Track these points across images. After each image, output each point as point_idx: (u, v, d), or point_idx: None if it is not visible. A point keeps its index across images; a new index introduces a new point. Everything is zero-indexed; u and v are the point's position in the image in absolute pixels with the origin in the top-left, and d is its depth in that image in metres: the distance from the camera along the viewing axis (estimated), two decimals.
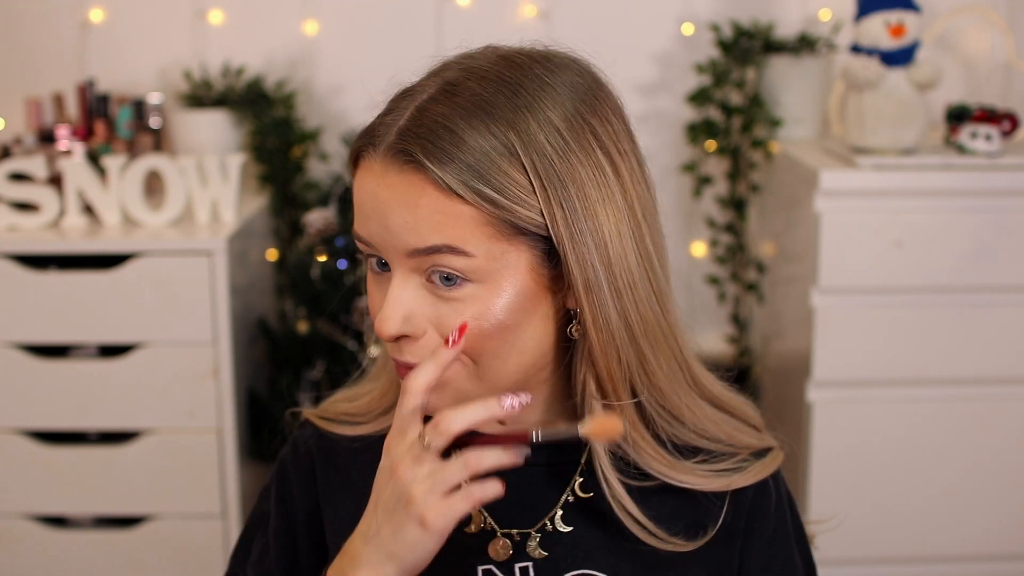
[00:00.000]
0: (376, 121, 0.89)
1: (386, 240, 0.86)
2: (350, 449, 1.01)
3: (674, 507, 0.94)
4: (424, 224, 0.84)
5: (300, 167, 2.24)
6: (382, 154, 0.86)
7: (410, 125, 0.86)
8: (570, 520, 0.95)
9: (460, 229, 0.84)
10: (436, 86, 0.88)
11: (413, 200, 0.84)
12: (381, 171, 0.86)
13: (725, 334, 2.31)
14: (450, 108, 0.86)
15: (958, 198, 1.83)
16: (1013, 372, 1.89)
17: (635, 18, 2.28)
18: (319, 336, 2.07)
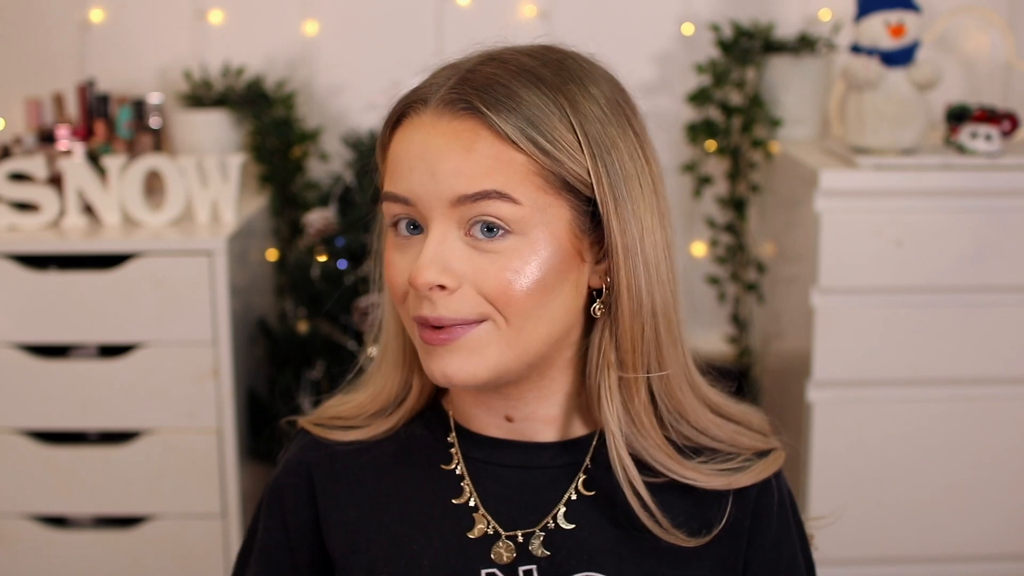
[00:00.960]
0: (422, 84, 0.90)
1: (430, 189, 0.86)
2: (346, 453, 1.00)
3: (678, 505, 0.94)
4: (476, 168, 0.85)
5: (300, 167, 2.24)
6: (434, 105, 0.87)
7: (464, 79, 0.87)
8: (573, 518, 0.95)
9: (511, 176, 0.86)
10: (480, 59, 0.90)
11: (467, 144, 0.85)
12: (432, 121, 0.87)
13: (725, 334, 2.31)
14: (501, 70, 0.88)
15: (958, 198, 1.83)
16: (1013, 372, 1.89)
17: (635, 18, 2.28)
18: (319, 336, 2.07)
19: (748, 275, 2.26)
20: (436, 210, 0.86)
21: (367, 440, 1.00)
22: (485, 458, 0.97)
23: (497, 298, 0.86)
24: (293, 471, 1.02)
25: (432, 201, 0.86)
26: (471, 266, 0.86)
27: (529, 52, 0.91)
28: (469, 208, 0.86)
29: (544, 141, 0.86)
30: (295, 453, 1.03)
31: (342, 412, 1.02)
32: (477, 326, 0.87)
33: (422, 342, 0.89)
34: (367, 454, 0.99)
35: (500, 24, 2.27)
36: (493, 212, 0.85)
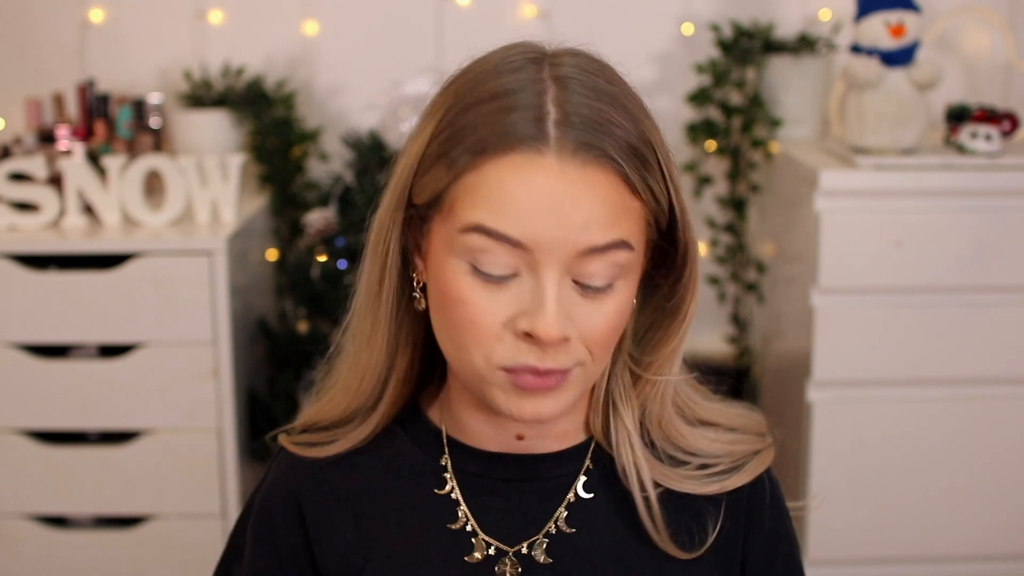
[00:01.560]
0: (519, 112, 0.81)
1: (556, 238, 0.80)
2: (333, 471, 0.97)
3: (676, 514, 0.94)
4: (608, 218, 0.82)
5: (300, 167, 2.24)
6: (566, 151, 0.80)
7: (586, 120, 0.82)
8: (574, 522, 0.93)
9: (632, 224, 0.84)
10: (552, 84, 0.84)
11: (602, 195, 0.81)
12: (559, 165, 0.80)
13: (725, 334, 2.31)
14: (607, 105, 0.84)
15: (958, 198, 1.83)
16: (1013, 372, 1.89)
17: (635, 18, 2.28)
18: (319, 336, 2.07)
19: (748, 275, 2.26)
20: (555, 257, 0.81)
21: (349, 451, 0.97)
22: (482, 472, 0.94)
23: (599, 344, 0.85)
24: (279, 493, 1.00)
25: (555, 250, 0.81)
26: (580, 314, 0.84)
27: (596, 71, 0.87)
28: (592, 258, 0.82)
29: (652, 183, 0.85)
30: (280, 474, 1.01)
31: (318, 418, 0.99)
32: (573, 369, 0.85)
33: (513, 386, 0.84)
34: (355, 472, 0.96)
35: (500, 24, 2.27)
36: (615, 261, 0.83)
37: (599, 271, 0.83)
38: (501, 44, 0.92)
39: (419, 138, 0.87)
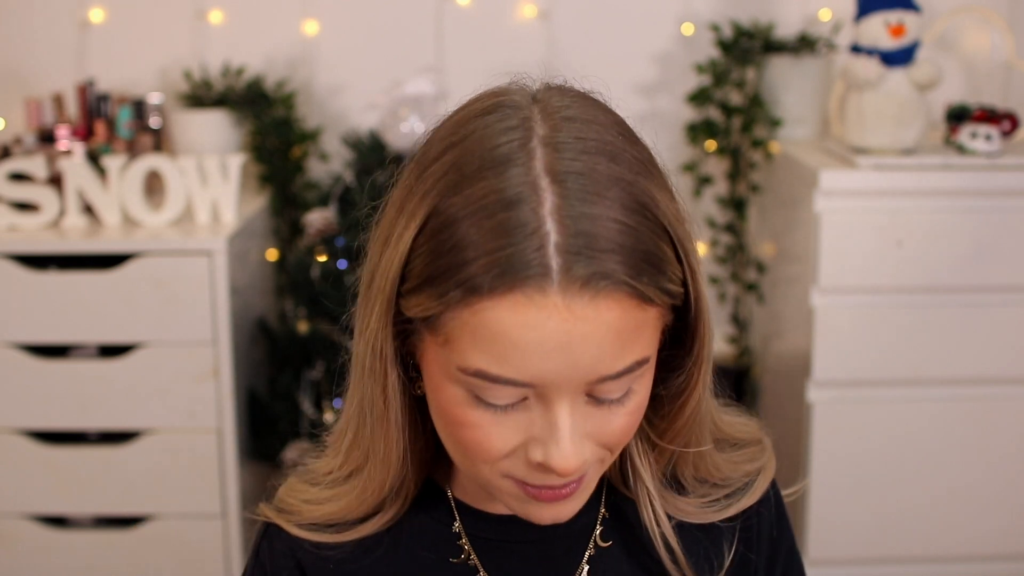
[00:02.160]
0: (513, 244, 0.71)
1: (565, 376, 0.73)
2: (338, 547, 0.91)
3: (692, 545, 0.91)
4: (622, 347, 0.74)
5: (300, 167, 2.24)
6: (571, 287, 0.71)
7: (589, 239, 0.71)
8: (597, 573, 0.90)
9: (648, 336, 0.76)
10: (549, 183, 0.73)
11: (615, 327, 0.72)
12: (564, 306, 0.71)
13: (725, 334, 2.31)
14: (598, 202, 0.73)
15: (958, 198, 1.83)
16: (1013, 372, 1.89)
17: (635, 18, 2.28)
18: (319, 336, 2.07)
19: (748, 275, 2.26)
20: (565, 389, 0.74)
21: (359, 539, 0.90)
22: (499, 537, 0.90)
23: (618, 443, 0.79)
24: (279, 563, 0.92)
25: (564, 385, 0.74)
26: (596, 424, 0.77)
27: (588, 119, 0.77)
28: (604, 384, 0.75)
29: (667, 283, 0.75)
30: (275, 545, 0.92)
31: (319, 517, 0.90)
32: (590, 471, 0.80)
33: (526, 497, 0.79)
34: (363, 552, 0.90)
35: (500, 24, 2.27)
36: (631, 380, 0.76)
37: (614, 388, 0.76)
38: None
39: (401, 236, 0.77)
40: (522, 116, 0.77)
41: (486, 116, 0.78)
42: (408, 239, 0.76)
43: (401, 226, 0.77)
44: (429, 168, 0.77)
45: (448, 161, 0.76)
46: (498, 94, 0.80)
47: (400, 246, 0.76)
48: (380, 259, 0.79)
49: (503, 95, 0.79)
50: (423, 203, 0.76)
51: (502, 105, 0.78)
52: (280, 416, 2.04)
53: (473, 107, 0.80)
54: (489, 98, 0.80)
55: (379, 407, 0.83)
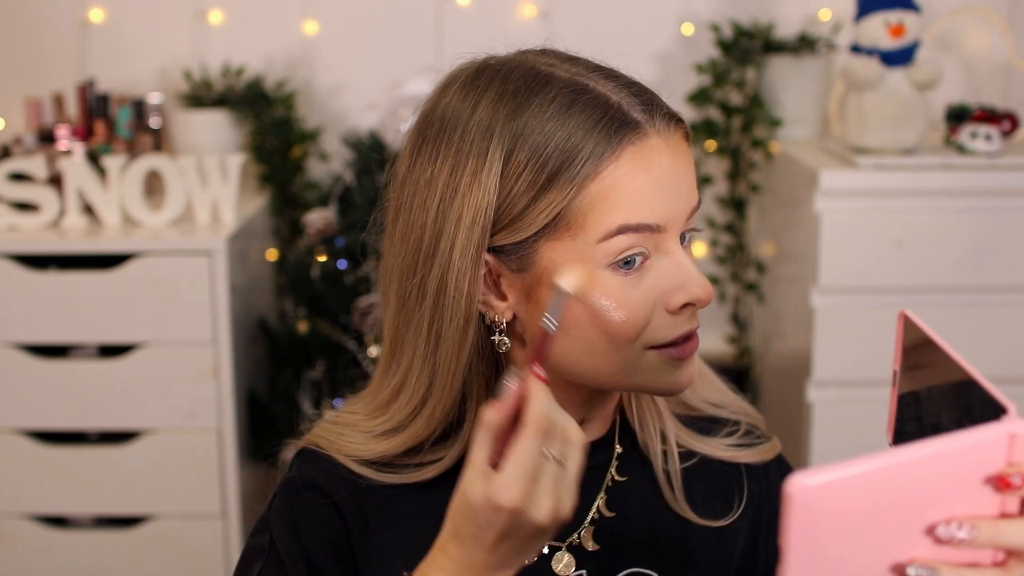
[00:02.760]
0: (606, 114, 0.84)
1: (678, 210, 0.86)
2: (379, 488, 0.93)
3: (699, 489, 0.98)
4: (694, 178, 0.88)
5: (300, 167, 2.24)
6: (661, 127, 0.85)
7: (651, 95, 0.87)
8: (613, 505, 0.96)
9: None
10: (584, 75, 0.87)
11: (688, 157, 0.88)
12: (664, 143, 0.85)
13: (725, 334, 2.31)
14: (627, 78, 0.89)
15: (958, 198, 1.83)
16: (1013, 372, 1.89)
17: (635, 18, 2.28)
18: (319, 336, 2.07)
19: (748, 275, 2.26)
20: (676, 228, 0.86)
21: (412, 483, 0.93)
22: None
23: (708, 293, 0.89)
24: (307, 488, 0.94)
25: (677, 221, 0.86)
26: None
27: (585, 58, 0.91)
28: (690, 219, 0.87)
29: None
30: (307, 478, 0.95)
31: (370, 455, 0.93)
32: None
33: (665, 362, 0.87)
34: (412, 491, 0.93)
35: (500, 24, 2.27)
36: (696, 216, 0.89)
37: (694, 220, 0.89)
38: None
39: (478, 180, 0.85)
40: (511, 63, 0.89)
41: (483, 70, 0.89)
42: (493, 176, 0.84)
43: (470, 174, 0.85)
44: (470, 121, 0.86)
45: (490, 104, 0.86)
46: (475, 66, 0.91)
47: (484, 187, 0.84)
48: (449, 211, 0.86)
49: (479, 64, 0.91)
50: (491, 143, 0.85)
51: (486, 65, 0.90)
52: (280, 416, 2.04)
53: (459, 78, 0.91)
54: (470, 69, 0.91)
55: (454, 344, 0.88)
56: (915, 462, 0.60)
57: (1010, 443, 0.61)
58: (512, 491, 0.73)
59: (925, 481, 0.61)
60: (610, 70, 0.89)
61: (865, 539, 0.62)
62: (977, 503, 0.63)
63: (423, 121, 0.91)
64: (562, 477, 0.75)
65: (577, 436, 0.76)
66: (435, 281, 0.87)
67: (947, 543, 0.63)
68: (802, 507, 0.59)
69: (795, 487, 0.58)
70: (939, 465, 0.61)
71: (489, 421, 0.75)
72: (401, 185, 0.91)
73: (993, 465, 0.62)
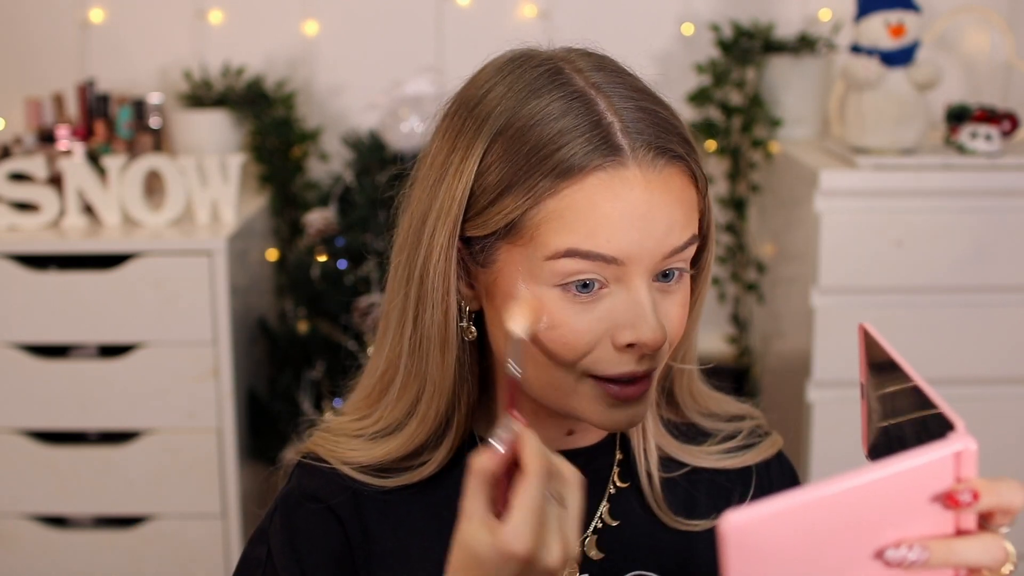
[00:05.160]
0: (585, 133, 0.81)
1: (645, 248, 0.81)
2: (378, 495, 0.93)
3: (703, 492, 0.98)
4: (684, 218, 0.83)
5: (300, 167, 2.24)
6: (644, 159, 0.81)
7: (653, 123, 0.83)
8: (616, 513, 0.95)
9: (695, 215, 0.85)
10: (595, 91, 0.84)
11: (678, 196, 0.83)
12: (642, 177, 0.81)
13: (725, 334, 2.31)
14: (657, 105, 0.86)
15: (958, 198, 1.83)
16: (1013, 372, 1.89)
17: (635, 18, 2.28)
18: (319, 336, 2.07)
19: (748, 275, 2.26)
20: (643, 266, 0.82)
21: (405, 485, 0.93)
22: None
23: (676, 334, 0.86)
24: (307, 501, 0.94)
25: (644, 259, 0.82)
26: (661, 311, 0.84)
27: (616, 69, 0.89)
28: (670, 259, 0.83)
29: (700, 170, 0.87)
30: (307, 489, 0.94)
31: (367, 460, 0.93)
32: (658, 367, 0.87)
33: (605, 397, 0.85)
34: (409, 495, 0.93)
35: (500, 24, 2.27)
36: (687, 256, 0.85)
37: (677, 261, 0.84)
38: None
39: (463, 165, 0.84)
40: (544, 57, 0.87)
41: (515, 59, 0.88)
42: (473, 164, 0.84)
43: (458, 158, 0.85)
44: (478, 106, 0.86)
45: (499, 94, 0.85)
46: (513, 53, 0.90)
47: (463, 174, 0.84)
48: (438, 192, 0.86)
49: (519, 52, 0.90)
50: (482, 131, 0.84)
51: (523, 54, 0.89)
52: (280, 416, 2.04)
53: (495, 62, 0.89)
54: (508, 55, 0.90)
55: (439, 332, 0.88)
56: (859, 488, 0.60)
57: (956, 461, 0.61)
58: (524, 538, 0.71)
59: (872, 506, 0.61)
60: (635, 89, 0.86)
61: (811, 570, 0.61)
62: (928, 523, 0.62)
63: (456, 98, 0.91)
64: (565, 517, 0.74)
65: (573, 475, 0.75)
66: (420, 263, 0.87)
67: (898, 566, 0.62)
68: (737, 544, 0.58)
69: (727, 525, 0.57)
70: (886, 489, 0.60)
71: (483, 468, 0.73)
72: (421, 159, 0.91)
73: (942, 483, 0.61)
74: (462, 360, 0.89)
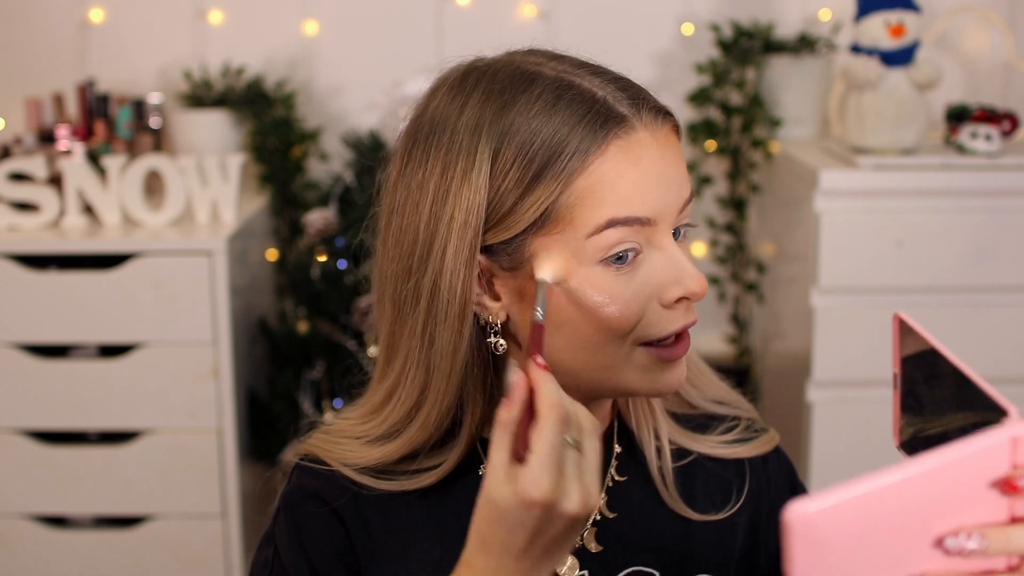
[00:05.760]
0: (592, 109, 0.84)
1: (669, 203, 0.86)
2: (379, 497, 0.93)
3: (700, 485, 0.98)
4: (686, 171, 0.89)
5: (300, 167, 2.24)
6: (648, 120, 0.86)
7: (638, 89, 0.88)
8: (614, 507, 0.96)
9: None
10: (570, 72, 0.88)
11: (678, 150, 0.88)
12: (650, 136, 0.85)
13: (725, 334, 2.31)
14: (614, 73, 0.90)
15: (958, 198, 1.83)
16: (1013, 372, 1.89)
17: (635, 18, 2.28)
18: (319, 336, 2.07)
19: (748, 275, 2.26)
20: (668, 222, 0.86)
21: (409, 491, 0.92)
22: None
23: (706, 285, 0.89)
24: (308, 499, 0.94)
25: (669, 215, 0.86)
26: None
27: (569, 56, 0.92)
28: (682, 213, 0.87)
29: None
30: (308, 489, 0.95)
31: (368, 462, 0.92)
32: None
33: (655, 362, 0.87)
34: (413, 499, 0.93)
35: (500, 24, 2.27)
36: (689, 211, 0.89)
37: (688, 213, 0.89)
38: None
39: (468, 179, 0.85)
40: (500, 63, 0.89)
41: (471, 71, 0.89)
42: (482, 175, 0.84)
43: (459, 173, 0.85)
44: (458, 122, 0.86)
45: (477, 103, 0.86)
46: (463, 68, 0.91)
47: (475, 186, 0.85)
48: (443, 212, 0.86)
49: (466, 65, 0.91)
50: (479, 141, 0.85)
51: (474, 66, 0.90)
52: (280, 416, 2.04)
53: (447, 81, 0.90)
54: (458, 72, 0.90)
55: (452, 349, 0.88)
56: (917, 477, 0.60)
57: (1013, 446, 0.61)
58: (543, 483, 0.71)
59: (929, 494, 0.61)
60: (597, 66, 0.89)
61: (873, 559, 0.61)
62: (984, 510, 0.62)
63: (413, 125, 0.90)
64: (583, 464, 0.74)
65: (589, 422, 0.76)
66: (429, 284, 0.87)
67: (957, 555, 0.62)
68: (803, 535, 0.58)
69: (794, 515, 0.57)
70: (943, 477, 0.60)
71: (505, 420, 0.74)
72: (393, 189, 0.90)
73: (998, 470, 0.61)
74: (473, 371, 0.89)
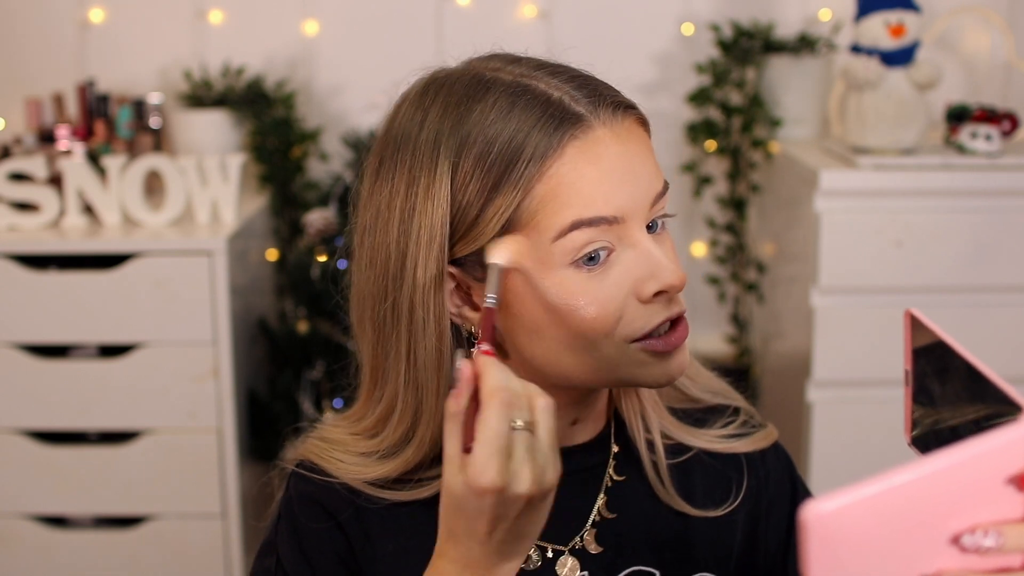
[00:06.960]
0: (547, 111, 0.83)
1: (637, 199, 0.84)
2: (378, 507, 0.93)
3: (698, 481, 0.98)
4: (655, 164, 0.87)
5: (300, 167, 2.24)
6: (606, 117, 0.84)
7: (597, 84, 0.86)
8: (613, 507, 0.96)
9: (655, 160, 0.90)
10: (527, 75, 0.87)
11: (646, 143, 0.87)
12: (611, 133, 0.84)
13: (725, 334, 2.31)
14: (571, 71, 0.88)
15: (958, 198, 1.83)
16: (1013, 372, 1.89)
17: (635, 18, 2.28)
18: (319, 336, 2.07)
19: (748, 275, 2.26)
20: (639, 217, 0.85)
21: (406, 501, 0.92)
22: None
23: (685, 277, 0.88)
24: (308, 506, 0.94)
25: (637, 211, 0.84)
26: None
27: (525, 59, 0.90)
28: (655, 207, 0.86)
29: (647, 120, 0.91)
30: (304, 494, 0.94)
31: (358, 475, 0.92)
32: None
33: (652, 355, 0.86)
34: (412, 510, 0.93)
35: (500, 24, 2.27)
36: (664, 203, 0.87)
37: (661, 207, 0.87)
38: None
39: (430, 193, 0.84)
40: (459, 72, 0.89)
41: (432, 83, 0.90)
42: (443, 188, 0.84)
43: (421, 189, 0.85)
44: (419, 136, 0.87)
45: (436, 117, 0.86)
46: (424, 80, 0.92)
47: (436, 200, 0.84)
48: (410, 228, 0.86)
49: (428, 76, 0.92)
50: (438, 155, 0.85)
51: (435, 77, 0.91)
52: (280, 416, 2.04)
53: (409, 96, 0.92)
54: (419, 84, 0.92)
55: (434, 365, 0.87)
56: (933, 475, 0.59)
57: None
58: (489, 471, 0.72)
59: (945, 491, 0.60)
60: (556, 66, 0.88)
61: (889, 557, 0.60)
62: (1001, 507, 0.62)
63: (380, 142, 0.91)
64: (535, 444, 0.74)
65: (543, 400, 0.75)
66: (406, 302, 0.86)
67: (973, 552, 0.61)
68: (819, 534, 0.58)
69: (810, 515, 0.57)
70: (958, 474, 0.60)
71: (453, 410, 0.74)
72: (364, 208, 0.90)
73: (1014, 466, 0.61)
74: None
